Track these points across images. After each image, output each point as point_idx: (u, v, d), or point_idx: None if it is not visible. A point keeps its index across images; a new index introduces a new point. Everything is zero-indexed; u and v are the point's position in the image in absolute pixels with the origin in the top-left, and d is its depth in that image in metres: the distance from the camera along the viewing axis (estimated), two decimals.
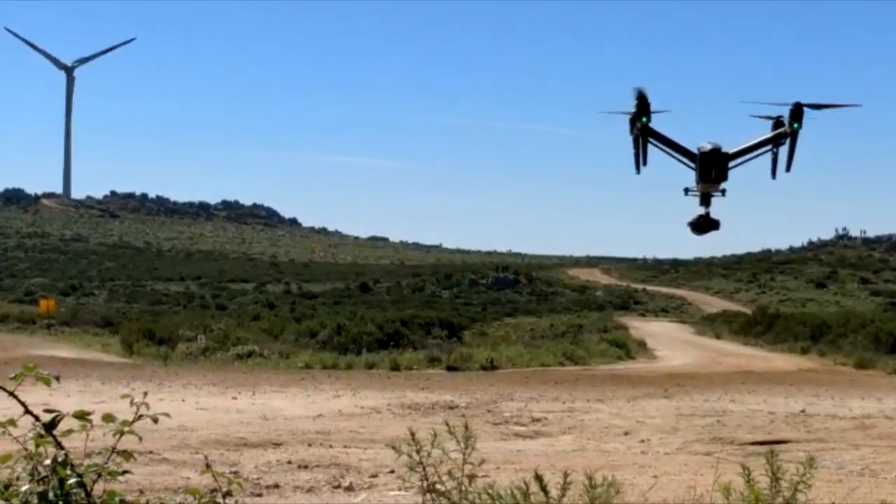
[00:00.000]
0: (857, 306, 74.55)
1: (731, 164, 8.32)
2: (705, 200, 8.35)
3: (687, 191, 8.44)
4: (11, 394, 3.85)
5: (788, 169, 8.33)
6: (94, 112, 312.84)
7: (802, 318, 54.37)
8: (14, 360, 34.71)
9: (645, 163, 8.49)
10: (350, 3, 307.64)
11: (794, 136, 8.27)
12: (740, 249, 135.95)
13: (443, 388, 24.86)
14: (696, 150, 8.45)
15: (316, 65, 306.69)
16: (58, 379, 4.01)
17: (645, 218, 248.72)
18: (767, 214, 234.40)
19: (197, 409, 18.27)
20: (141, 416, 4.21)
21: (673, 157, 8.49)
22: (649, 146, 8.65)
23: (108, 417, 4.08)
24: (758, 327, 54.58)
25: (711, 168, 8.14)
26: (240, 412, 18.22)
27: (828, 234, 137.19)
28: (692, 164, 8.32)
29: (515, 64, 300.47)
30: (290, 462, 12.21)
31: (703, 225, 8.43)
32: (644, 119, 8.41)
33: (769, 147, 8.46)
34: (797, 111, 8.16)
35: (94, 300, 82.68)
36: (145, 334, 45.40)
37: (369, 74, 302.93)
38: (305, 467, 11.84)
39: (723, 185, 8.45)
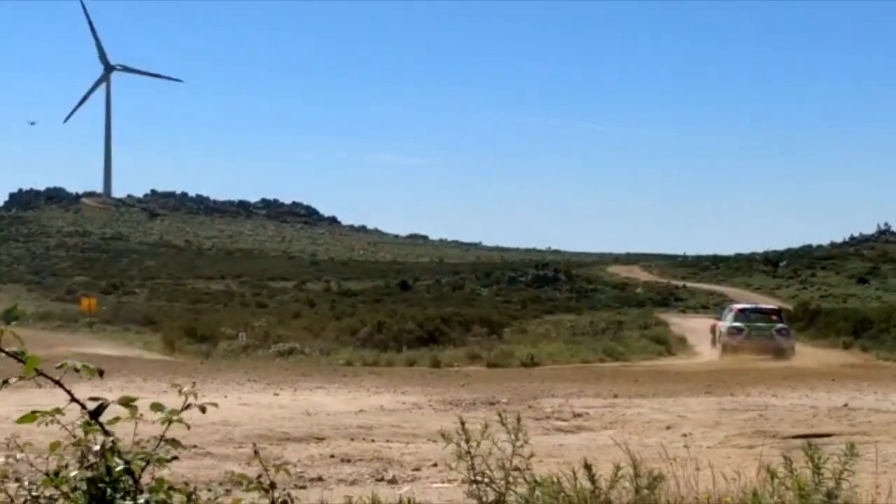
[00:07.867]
0: None
1: None
2: None
3: None
4: (57, 382, 3.86)
5: None
6: (134, 110, 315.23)
7: (844, 314, 53.99)
8: (56, 357, 34.99)
9: None
10: (388, 1, 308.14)
11: None
12: (780, 245, 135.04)
13: (483, 385, 24.86)
14: None
15: (354, 62, 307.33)
16: (101, 373, 3.96)
17: (685, 214, 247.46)
18: (807, 209, 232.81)
19: (239, 405, 18.35)
20: (189, 406, 4.21)
21: None
22: None
23: (156, 406, 4.09)
24: (799, 323, 54.26)
25: None
26: (282, 408, 18.29)
27: (869, 229, 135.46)
28: None
29: (554, 59, 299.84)
30: (332, 456, 12.25)
31: None
32: None
33: None
34: None
35: (135, 298, 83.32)
36: (186, 332, 45.81)
37: (407, 71, 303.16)
38: (348, 461, 11.88)
39: None
